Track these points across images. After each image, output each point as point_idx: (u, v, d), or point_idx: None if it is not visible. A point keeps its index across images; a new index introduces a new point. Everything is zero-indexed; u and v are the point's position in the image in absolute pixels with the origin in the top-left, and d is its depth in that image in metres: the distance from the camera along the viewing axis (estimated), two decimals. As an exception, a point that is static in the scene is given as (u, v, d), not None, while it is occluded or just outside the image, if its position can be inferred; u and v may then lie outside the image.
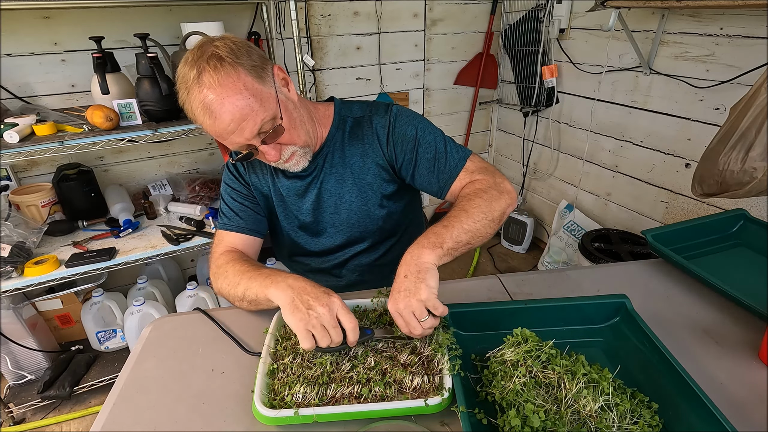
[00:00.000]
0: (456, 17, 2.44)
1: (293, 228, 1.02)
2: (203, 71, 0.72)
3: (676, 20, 1.70)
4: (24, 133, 1.37)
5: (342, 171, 0.95)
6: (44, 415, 1.70)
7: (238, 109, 0.73)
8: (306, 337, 0.66)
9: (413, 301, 0.66)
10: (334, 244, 1.01)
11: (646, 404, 0.61)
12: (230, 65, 0.73)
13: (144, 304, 1.64)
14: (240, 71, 0.74)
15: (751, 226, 1.03)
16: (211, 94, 0.72)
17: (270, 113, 0.77)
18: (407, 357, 0.69)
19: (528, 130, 2.58)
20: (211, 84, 0.72)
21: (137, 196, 1.88)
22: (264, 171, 0.98)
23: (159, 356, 0.79)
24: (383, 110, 0.94)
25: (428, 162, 0.90)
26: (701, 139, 1.71)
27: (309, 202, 0.97)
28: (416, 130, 0.91)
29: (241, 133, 0.76)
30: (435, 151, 0.90)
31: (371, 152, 0.93)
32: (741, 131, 0.93)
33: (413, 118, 0.93)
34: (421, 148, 0.90)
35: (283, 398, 0.64)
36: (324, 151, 0.94)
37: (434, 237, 0.73)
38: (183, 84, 0.75)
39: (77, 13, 1.64)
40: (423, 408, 0.61)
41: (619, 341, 0.75)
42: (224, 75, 0.73)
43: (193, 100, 0.74)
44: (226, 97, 0.73)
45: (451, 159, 0.89)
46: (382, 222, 0.99)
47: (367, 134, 0.93)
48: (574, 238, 2.26)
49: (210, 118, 0.74)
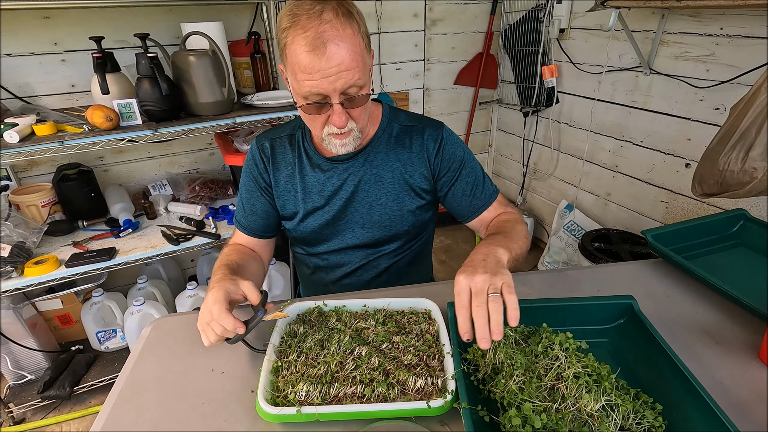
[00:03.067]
0: (456, 17, 2.44)
1: (317, 223, 0.99)
2: (328, 9, 0.71)
3: (676, 20, 1.71)
4: (24, 133, 1.37)
5: (382, 172, 0.95)
6: (44, 415, 1.70)
7: (349, 57, 0.73)
8: (202, 336, 0.72)
9: (493, 278, 0.63)
10: (358, 242, 1.00)
11: (649, 405, 0.61)
12: (356, 21, 0.74)
13: (144, 304, 1.64)
14: (360, 30, 0.75)
15: (751, 226, 1.03)
16: (332, 31, 0.71)
17: (365, 80, 0.78)
18: (411, 358, 0.69)
19: (528, 130, 2.59)
20: (333, 23, 0.71)
21: (137, 196, 1.88)
22: (290, 163, 0.97)
23: (159, 356, 0.79)
24: (435, 125, 0.98)
25: (467, 185, 0.97)
26: (701, 139, 1.71)
27: (342, 198, 0.96)
28: (464, 153, 0.98)
29: (335, 80, 0.74)
30: (475, 177, 0.98)
31: (418, 161, 0.96)
32: (741, 131, 0.93)
33: (461, 143, 0.99)
34: (465, 170, 0.97)
35: (287, 396, 0.64)
36: (367, 150, 0.95)
37: (503, 241, 0.76)
38: (292, 13, 0.72)
39: (77, 13, 1.64)
40: (425, 410, 0.61)
41: (625, 342, 0.75)
42: (347, 23, 0.73)
43: (304, 28, 0.71)
44: (344, 41, 0.72)
45: (487, 189, 0.99)
46: (410, 227, 1.00)
47: (416, 143, 0.95)
48: (574, 238, 2.26)
49: (316, 52, 0.71)
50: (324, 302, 0.83)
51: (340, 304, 0.83)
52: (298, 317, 0.82)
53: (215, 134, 1.86)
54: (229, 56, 1.68)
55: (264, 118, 1.60)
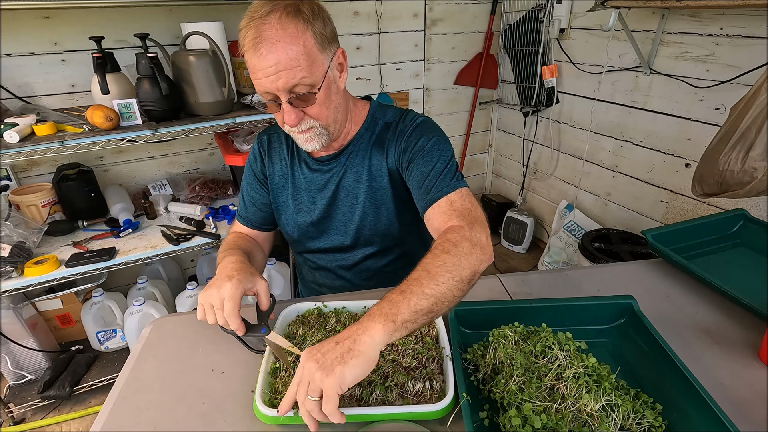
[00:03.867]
0: (456, 17, 2.44)
1: (303, 222, 1.00)
2: (274, 10, 0.73)
3: (676, 20, 1.71)
4: (24, 133, 1.37)
5: (361, 171, 0.94)
6: (44, 415, 1.70)
7: (285, 57, 0.73)
8: (200, 309, 0.74)
9: (318, 375, 0.55)
10: (342, 243, 1.00)
11: (649, 405, 0.61)
12: (302, 20, 0.74)
13: (144, 304, 1.64)
14: (307, 30, 0.75)
15: (751, 226, 1.03)
16: (270, 31, 0.73)
17: (311, 79, 0.77)
18: (410, 361, 0.69)
19: (528, 130, 2.58)
20: (274, 24, 0.73)
21: (137, 196, 1.88)
22: (284, 159, 0.99)
23: (159, 356, 0.79)
24: (410, 117, 0.92)
25: (421, 175, 0.84)
26: (701, 139, 1.71)
27: (326, 197, 0.96)
28: (427, 142, 0.86)
29: (275, 80, 0.75)
30: (432, 168, 0.83)
31: (389, 157, 0.93)
32: (741, 131, 0.93)
33: (430, 131, 0.88)
34: (422, 159, 0.85)
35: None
36: (348, 149, 0.94)
37: (388, 307, 0.61)
38: (250, 13, 0.75)
39: (77, 13, 1.64)
40: (424, 413, 0.61)
41: (625, 342, 0.75)
42: (291, 23, 0.73)
43: (251, 28, 0.74)
44: (281, 41, 0.73)
45: (442, 182, 0.81)
46: (393, 228, 0.98)
47: (390, 139, 0.93)
48: (574, 238, 2.26)
49: (256, 52, 0.74)
50: (324, 303, 0.83)
51: (339, 305, 0.83)
52: (297, 318, 0.82)
53: (215, 134, 1.86)
54: (229, 56, 1.68)
55: (264, 118, 1.60)
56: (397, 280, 0.67)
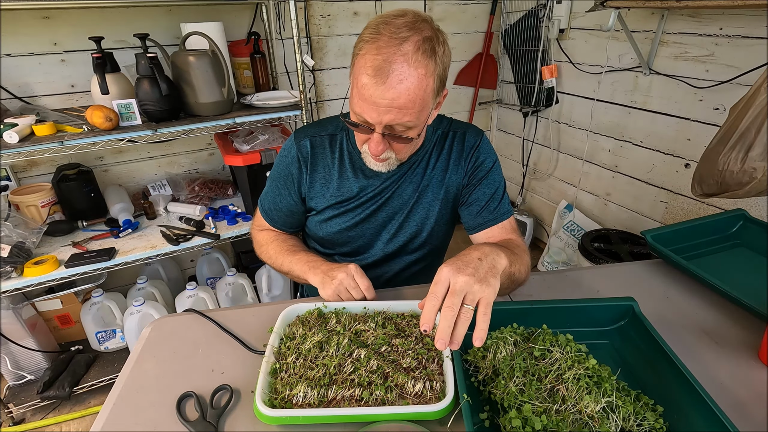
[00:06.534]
0: (456, 17, 2.44)
1: (344, 223, 0.99)
2: (410, 40, 0.68)
3: (675, 20, 1.71)
4: (24, 133, 1.37)
5: (420, 180, 0.95)
6: (44, 415, 1.70)
7: (405, 96, 0.69)
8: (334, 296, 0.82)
9: (476, 285, 0.57)
10: (384, 248, 1.00)
11: (650, 407, 0.61)
12: (434, 63, 0.70)
13: (144, 305, 1.63)
14: (434, 74, 0.72)
15: (750, 226, 1.03)
16: (401, 67, 0.68)
17: (415, 123, 0.75)
18: (410, 361, 0.69)
19: (528, 130, 2.59)
20: (408, 57, 0.68)
21: (137, 196, 1.88)
22: (331, 163, 0.95)
23: (159, 356, 0.79)
24: (475, 131, 0.96)
25: (485, 195, 0.93)
26: (701, 139, 1.72)
27: (377, 203, 0.96)
28: (493, 164, 0.95)
29: (384, 113, 0.72)
30: (495, 191, 0.93)
31: (454, 167, 0.94)
32: (741, 131, 0.93)
33: (494, 153, 0.97)
34: (488, 180, 0.93)
35: (285, 398, 0.64)
36: (411, 159, 0.94)
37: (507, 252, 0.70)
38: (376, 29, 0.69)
39: (77, 13, 1.64)
40: (423, 414, 0.61)
41: (626, 344, 0.75)
42: (422, 64, 0.69)
43: (381, 53, 0.68)
44: (406, 81, 0.68)
45: (503, 206, 0.94)
46: (437, 235, 1.00)
47: (456, 149, 0.94)
48: (574, 239, 2.26)
49: (376, 78, 0.69)
50: (324, 304, 0.83)
51: (340, 306, 0.83)
52: (297, 319, 0.81)
53: (215, 134, 1.86)
54: (228, 56, 1.68)
55: (264, 118, 1.60)
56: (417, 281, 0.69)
